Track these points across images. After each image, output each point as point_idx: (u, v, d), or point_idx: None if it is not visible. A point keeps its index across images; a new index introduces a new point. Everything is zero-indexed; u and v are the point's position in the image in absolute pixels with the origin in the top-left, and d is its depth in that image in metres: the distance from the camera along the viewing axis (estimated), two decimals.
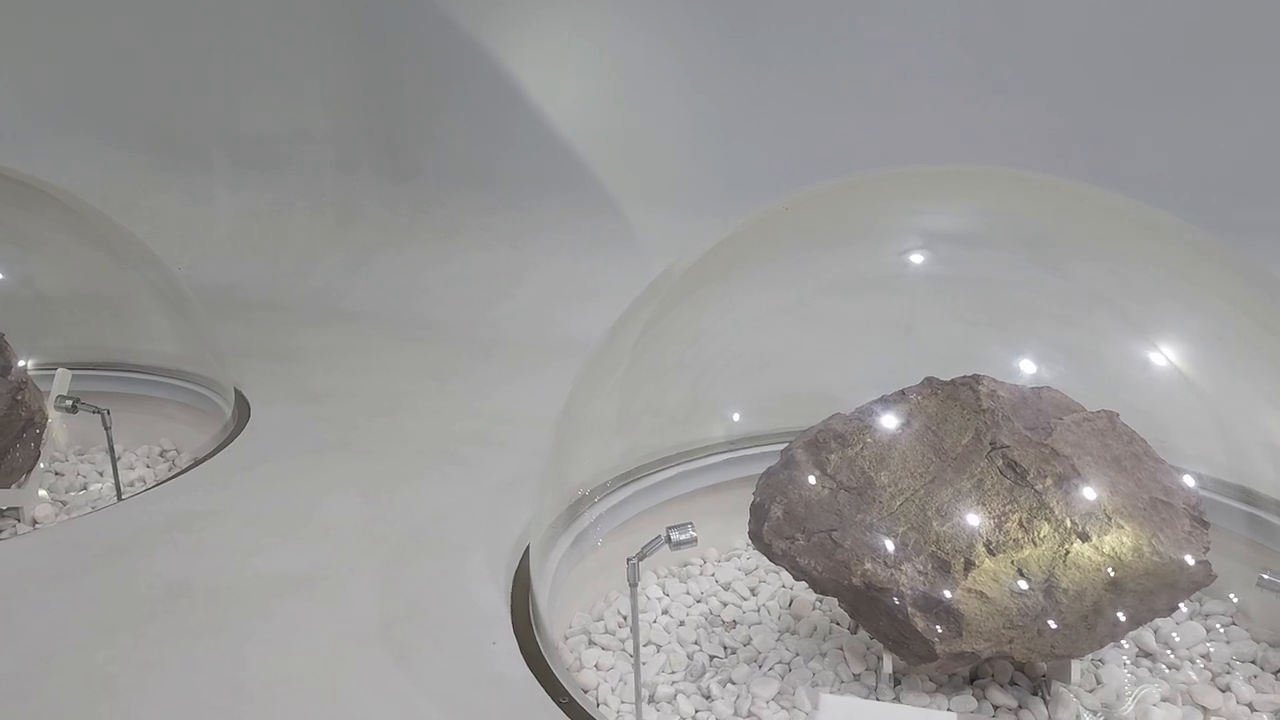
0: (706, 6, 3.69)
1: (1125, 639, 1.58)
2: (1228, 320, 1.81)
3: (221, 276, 4.37)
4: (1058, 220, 1.91)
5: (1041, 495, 1.49)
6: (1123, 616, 1.44)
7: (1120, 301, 1.83)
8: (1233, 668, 1.65)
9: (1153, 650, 1.68)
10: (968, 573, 1.46)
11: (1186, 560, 1.45)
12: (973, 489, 1.53)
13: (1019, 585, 1.45)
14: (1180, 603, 1.49)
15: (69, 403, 2.38)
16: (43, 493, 2.44)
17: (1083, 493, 1.48)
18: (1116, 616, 1.44)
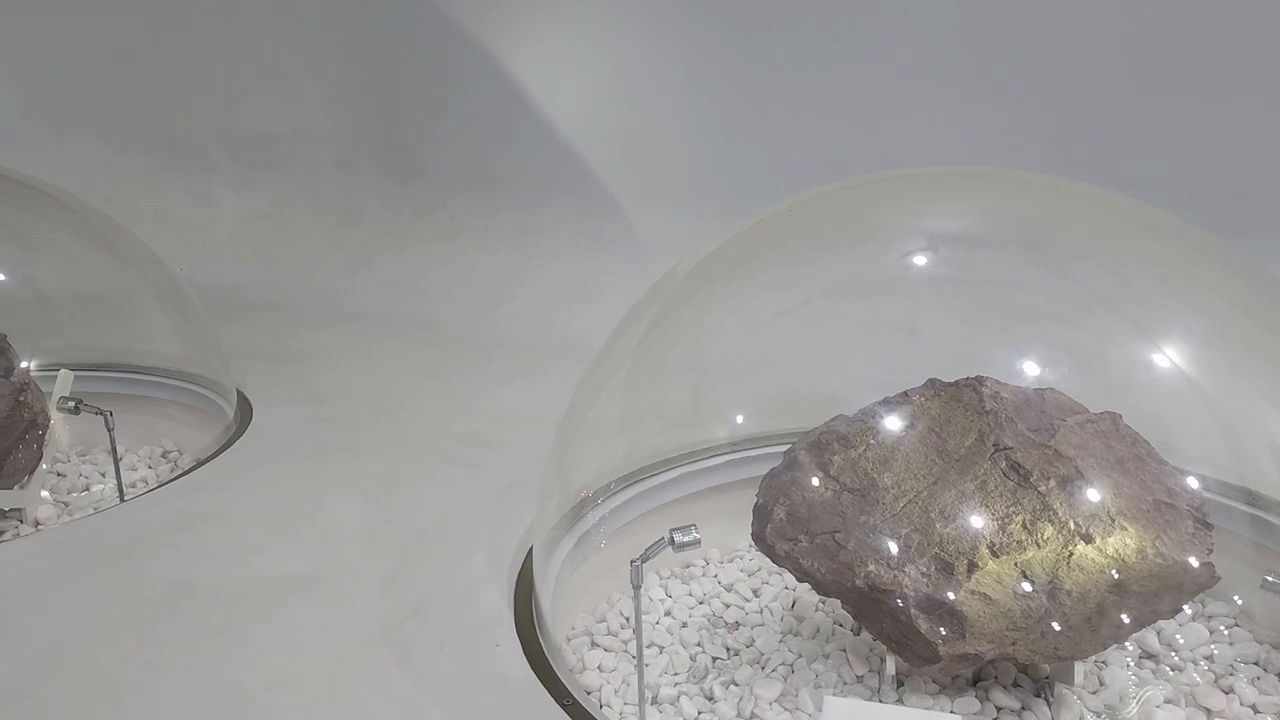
0: (707, 7, 3.69)
1: (1128, 640, 1.58)
2: (1230, 321, 1.81)
3: (223, 278, 4.37)
4: (1060, 221, 1.91)
5: (1045, 497, 1.49)
6: (1126, 618, 1.44)
7: (1123, 302, 1.83)
8: (1236, 669, 1.65)
9: (1156, 652, 1.68)
10: (971, 575, 1.46)
11: (1190, 562, 1.45)
12: (976, 491, 1.53)
13: (1022, 587, 1.45)
14: (1184, 605, 1.49)
15: (72, 404, 2.38)
16: (45, 494, 2.44)
17: (1086, 494, 1.48)
18: (1120, 618, 1.44)
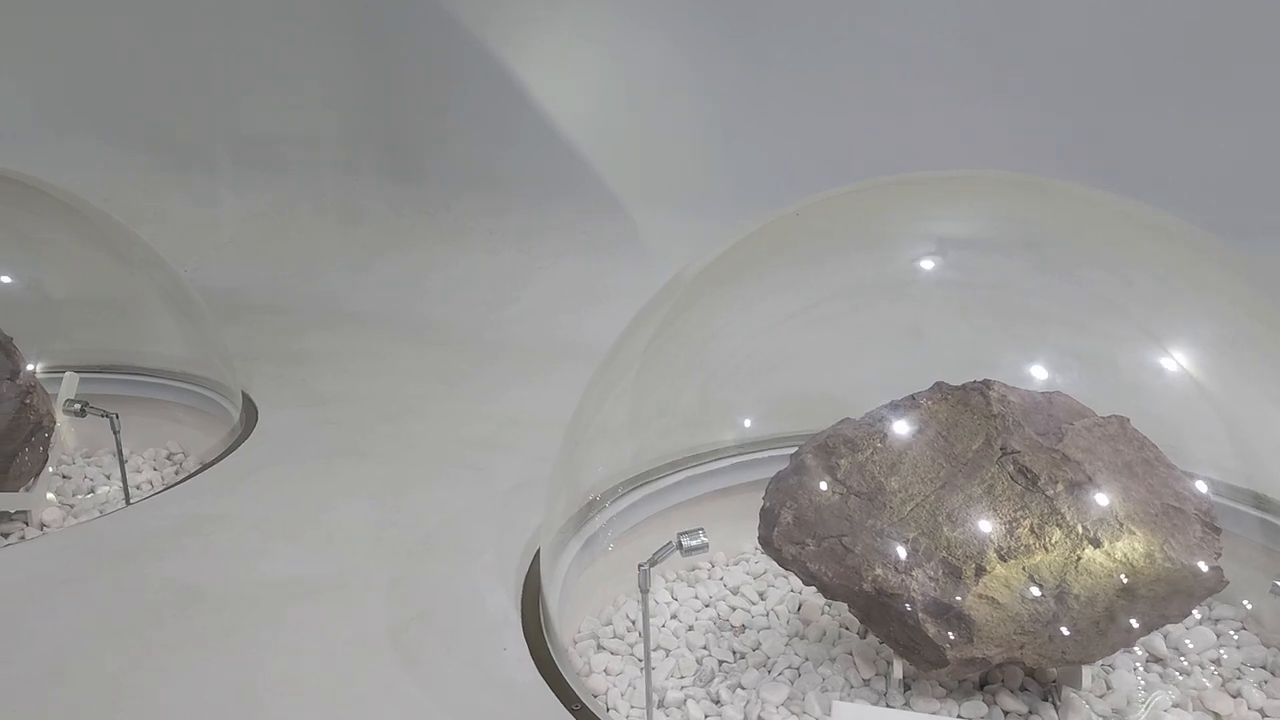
0: (708, 7, 3.69)
1: (1136, 644, 1.58)
2: (1238, 325, 1.81)
3: (226, 279, 4.37)
4: (1067, 225, 1.91)
5: (1053, 501, 1.49)
6: (1135, 622, 1.44)
7: (1130, 306, 1.82)
8: (1244, 673, 1.65)
9: (1164, 655, 1.68)
10: (979, 579, 1.46)
11: (1199, 566, 1.45)
12: (984, 494, 1.53)
13: (1030, 591, 1.45)
14: (1193, 609, 1.49)
15: (77, 406, 2.38)
16: (50, 496, 2.44)
17: (1094, 498, 1.48)
18: (1129, 623, 1.44)
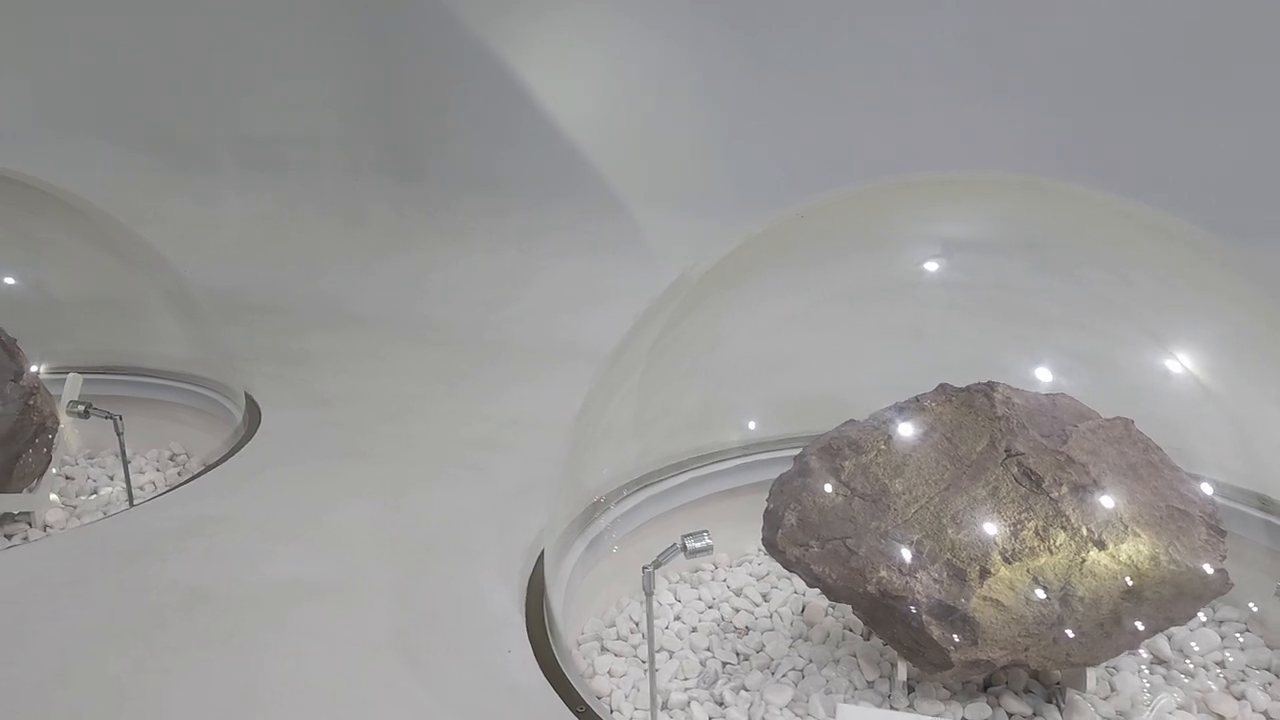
0: (709, 7, 3.68)
1: (1140, 646, 1.58)
2: (1242, 326, 1.81)
3: (227, 280, 4.37)
4: (1068, 226, 1.91)
5: (1057, 503, 1.49)
6: (1140, 625, 1.44)
7: (1134, 307, 1.82)
8: (1248, 675, 1.65)
9: (1168, 658, 1.67)
10: (983, 581, 1.45)
11: (1204, 569, 1.45)
12: (988, 497, 1.52)
13: (1035, 593, 1.45)
14: (1197, 611, 1.49)
15: (81, 408, 2.38)
16: (54, 497, 2.44)
17: (1099, 501, 1.48)
18: (1134, 625, 1.44)
